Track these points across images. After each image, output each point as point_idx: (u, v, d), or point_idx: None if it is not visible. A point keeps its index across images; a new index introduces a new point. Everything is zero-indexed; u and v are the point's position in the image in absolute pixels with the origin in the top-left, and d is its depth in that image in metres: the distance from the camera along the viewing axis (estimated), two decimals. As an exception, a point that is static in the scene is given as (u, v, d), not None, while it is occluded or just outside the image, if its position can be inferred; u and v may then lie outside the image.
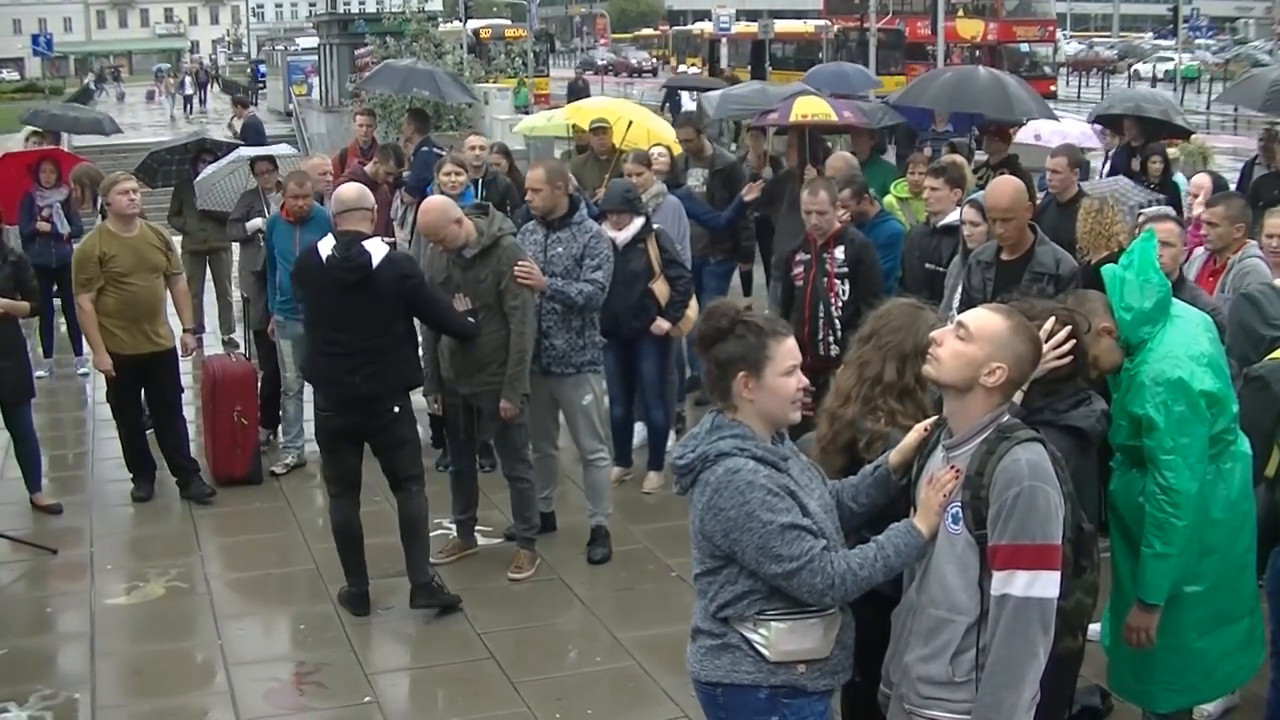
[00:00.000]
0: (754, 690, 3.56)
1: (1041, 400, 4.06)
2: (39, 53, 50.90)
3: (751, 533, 3.43)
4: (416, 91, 15.37)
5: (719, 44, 49.35)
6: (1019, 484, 3.28)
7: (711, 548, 3.54)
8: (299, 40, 57.07)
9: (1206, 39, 56.94)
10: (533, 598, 6.98)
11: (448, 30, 33.94)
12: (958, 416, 3.47)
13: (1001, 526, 3.29)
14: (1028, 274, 6.31)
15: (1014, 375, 3.42)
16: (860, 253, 7.41)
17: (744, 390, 3.55)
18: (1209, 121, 32.88)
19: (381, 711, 5.80)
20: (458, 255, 6.83)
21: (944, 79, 14.30)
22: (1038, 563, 3.27)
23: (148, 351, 8.23)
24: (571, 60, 69.99)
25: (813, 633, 3.54)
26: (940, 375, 3.46)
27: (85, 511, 8.38)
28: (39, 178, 11.33)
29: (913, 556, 3.49)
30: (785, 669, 3.54)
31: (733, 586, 3.54)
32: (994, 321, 3.42)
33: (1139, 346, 4.49)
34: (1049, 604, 3.30)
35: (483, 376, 6.93)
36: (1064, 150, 8.65)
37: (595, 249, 7.26)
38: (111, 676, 6.21)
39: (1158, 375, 4.39)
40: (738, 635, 3.56)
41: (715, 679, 3.61)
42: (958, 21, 39.95)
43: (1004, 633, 3.29)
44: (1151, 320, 4.46)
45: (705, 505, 3.51)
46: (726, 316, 3.59)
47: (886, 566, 3.47)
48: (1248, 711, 5.47)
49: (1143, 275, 4.47)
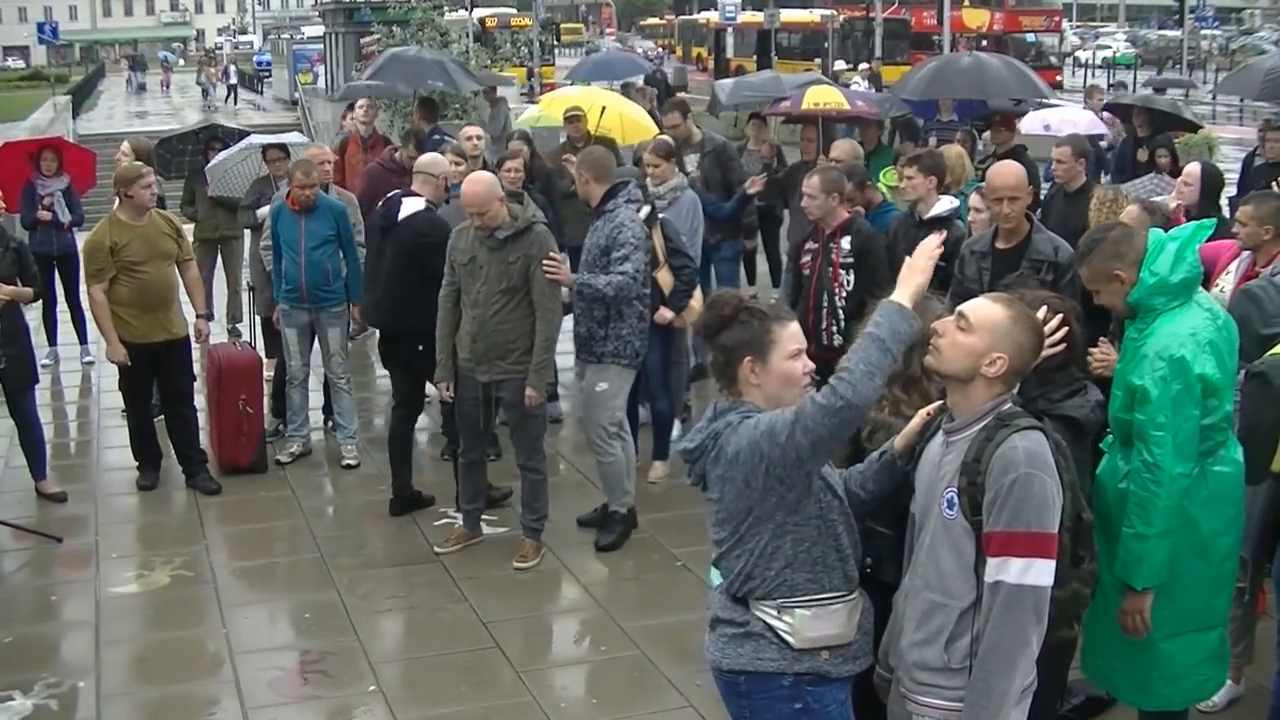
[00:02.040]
0: (778, 678, 3.56)
1: (1036, 390, 4.07)
2: (44, 41, 50.89)
3: (758, 441, 3.43)
4: (430, 83, 15.25)
5: (724, 33, 49.25)
6: (1015, 471, 3.28)
7: (735, 505, 3.52)
8: (304, 29, 56.97)
9: (1212, 29, 56.68)
10: (538, 587, 6.99)
11: (453, 19, 33.83)
12: (960, 405, 3.49)
13: (997, 513, 3.29)
14: (1026, 261, 6.30)
15: (1015, 365, 3.43)
16: (866, 243, 7.34)
17: (750, 375, 3.57)
18: (1215, 113, 32.78)
19: (386, 700, 5.80)
20: (489, 235, 6.81)
21: (926, 67, 14.34)
22: (1032, 550, 3.27)
23: (161, 340, 8.23)
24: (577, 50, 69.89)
25: (836, 618, 3.56)
26: (941, 365, 3.46)
27: (90, 500, 8.38)
28: (40, 166, 11.33)
29: (899, 325, 3.37)
30: (809, 656, 3.55)
31: (754, 551, 3.52)
32: (995, 312, 3.42)
33: (1149, 316, 4.48)
34: (1043, 592, 3.30)
35: (504, 364, 6.93)
36: (1069, 140, 8.65)
37: (620, 239, 7.21)
38: (116, 665, 6.22)
39: (1161, 350, 4.39)
40: (761, 623, 3.56)
41: (738, 667, 3.60)
42: (964, 11, 39.80)
43: (997, 620, 3.29)
44: (1169, 294, 4.45)
45: (726, 462, 3.51)
46: (730, 304, 3.61)
47: (878, 343, 3.35)
48: (1252, 701, 5.47)
49: (1181, 249, 4.48)
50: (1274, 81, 13.20)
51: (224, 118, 25.61)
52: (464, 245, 6.98)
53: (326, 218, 8.61)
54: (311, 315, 8.76)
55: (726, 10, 45.00)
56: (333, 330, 8.80)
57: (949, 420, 3.53)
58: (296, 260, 8.57)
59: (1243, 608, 5.56)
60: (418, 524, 7.78)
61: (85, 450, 9.67)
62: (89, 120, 44.74)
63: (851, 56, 39.25)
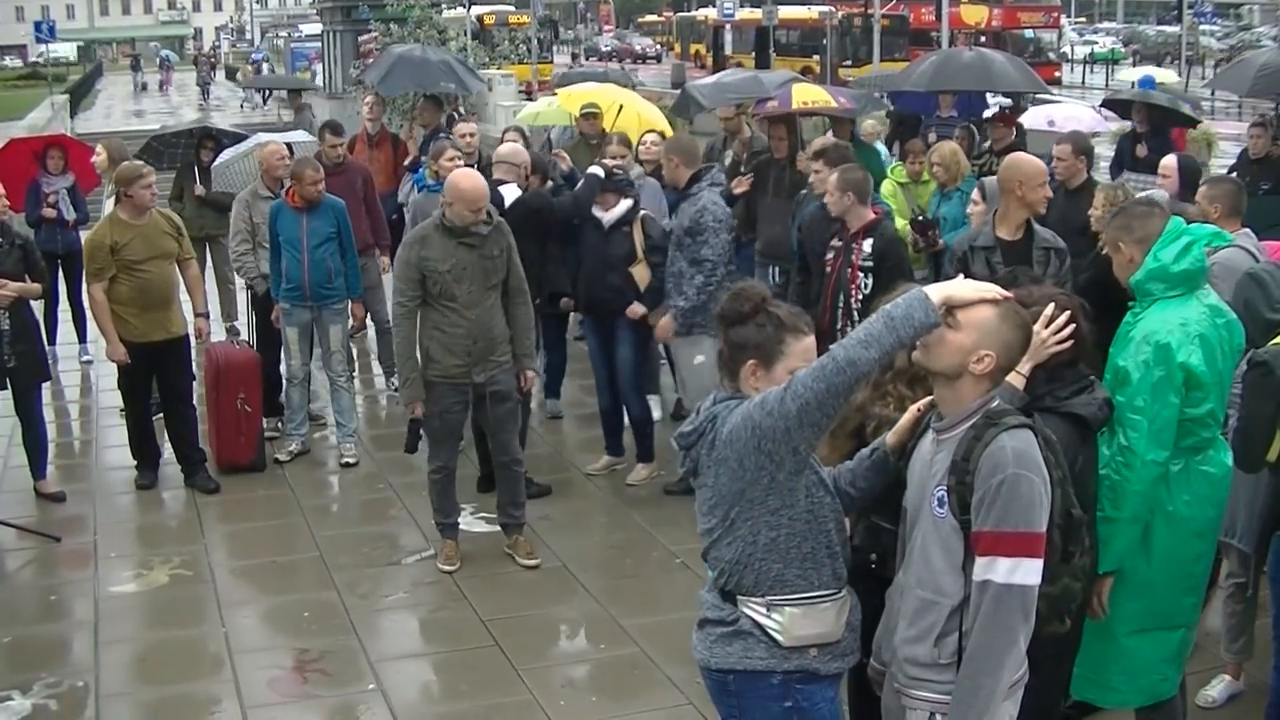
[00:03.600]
0: (767, 676, 3.55)
1: (1044, 387, 4.07)
2: (42, 40, 50.84)
3: (750, 412, 3.41)
4: (443, 86, 15.17)
5: (723, 30, 49.26)
6: (1003, 471, 3.28)
7: (728, 488, 3.49)
8: (302, 26, 56.96)
9: (1210, 24, 56.70)
10: (537, 585, 6.98)
11: (451, 16, 33.84)
12: (948, 402, 3.48)
13: (985, 513, 3.29)
14: (1038, 250, 6.45)
15: (1003, 362, 3.42)
16: (887, 248, 7.16)
17: (750, 378, 3.57)
18: (1214, 108, 32.78)
19: (385, 699, 5.79)
20: (466, 233, 6.73)
21: (928, 61, 14.31)
22: (1020, 550, 3.28)
23: (160, 338, 8.22)
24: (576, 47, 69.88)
25: (825, 616, 3.55)
26: (929, 362, 3.45)
27: (89, 499, 8.38)
28: (46, 164, 11.34)
29: (916, 312, 3.22)
30: (798, 654, 3.54)
31: (745, 539, 3.50)
32: (982, 309, 3.40)
33: (1146, 301, 4.51)
34: (1030, 591, 3.31)
35: (495, 358, 6.94)
36: (1069, 138, 8.63)
37: (703, 222, 7.75)
38: (116, 664, 6.21)
39: (1148, 334, 4.41)
40: (749, 620, 3.55)
41: (727, 666, 3.59)
42: (962, 7, 39.81)
43: (984, 619, 3.30)
44: (1168, 282, 4.47)
45: (722, 443, 3.49)
46: (751, 301, 3.58)
47: (887, 319, 3.24)
48: (1251, 696, 5.47)
49: (1190, 244, 4.50)
50: (1266, 77, 13.20)
51: (222, 119, 25.61)
52: (439, 253, 6.76)
53: (328, 215, 8.61)
54: (314, 313, 8.75)
55: (725, 7, 45.04)
56: (334, 328, 8.80)
57: (938, 418, 3.52)
58: (299, 258, 8.55)
59: (1243, 603, 5.57)
60: (416, 522, 7.77)
61: (85, 450, 9.66)
62: (87, 119, 44.76)
63: (850, 53, 39.26)
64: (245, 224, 9.08)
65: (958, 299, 3.34)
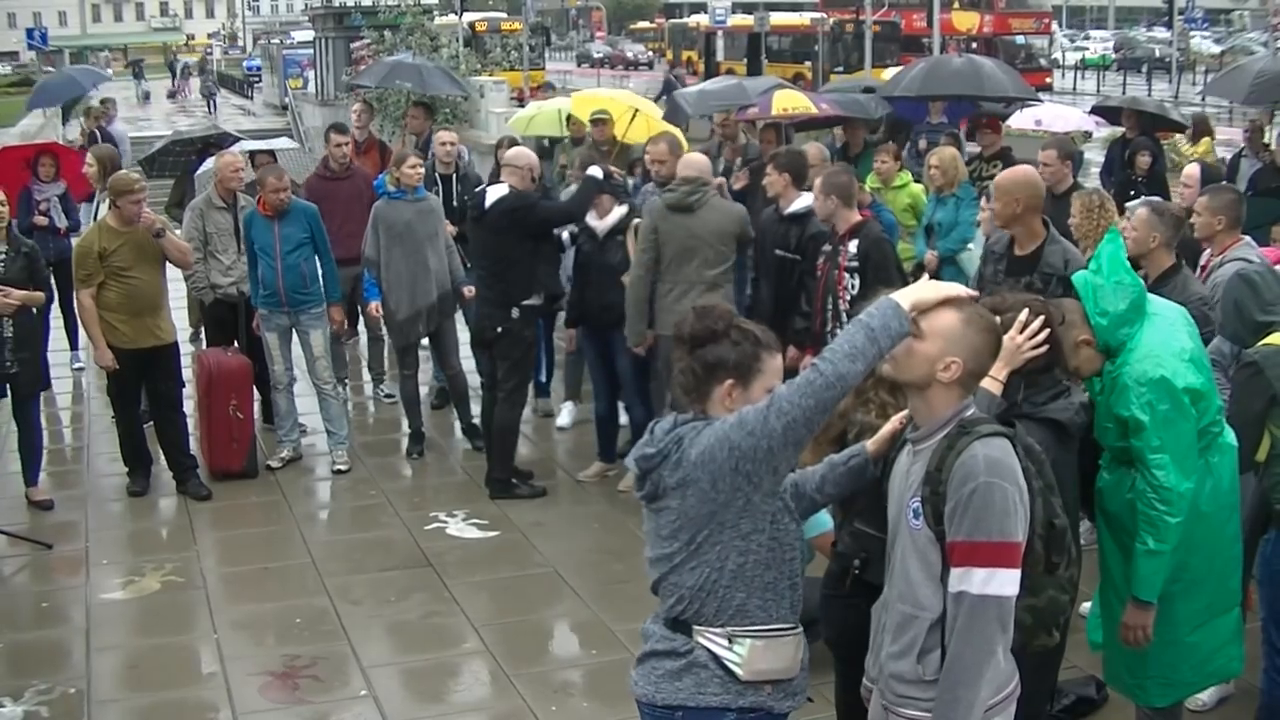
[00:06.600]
0: (721, 713, 3.38)
1: (1020, 393, 4.07)
2: (34, 46, 50.92)
3: (726, 433, 3.27)
4: (399, 83, 15.37)
5: (715, 37, 49.29)
6: (974, 480, 3.22)
7: (697, 510, 3.32)
8: (294, 34, 56.90)
9: (1202, 30, 56.79)
10: (529, 590, 7.00)
11: (443, 23, 33.79)
12: (921, 413, 3.43)
13: (958, 523, 3.23)
14: (1037, 275, 6.24)
15: (971, 368, 3.35)
16: (870, 248, 7.19)
17: (726, 399, 3.39)
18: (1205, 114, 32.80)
19: (377, 705, 5.80)
20: None
21: (917, 67, 14.36)
22: (994, 560, 3.21)
23: (149, 345, 8.23)
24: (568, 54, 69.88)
25: (785, 651, 3.42)
26: (898, 374, 3.39)
27: (81, 506, 8.38)
28: (37, 172, 11.34)
29: (891, 321, 3.19)
30: (753, 690, 3.39)
31: (712, 564, 3.34)
32: (945, 316, 3.33)
33: (1119, 348, 4.47)
34: (1006, 602, 3.25)
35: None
36: (1054, 143, 8.68)
37: None
38: (108, 671, 6.22)
39: (1140, 375, 4.37)
40: (706, 653, 3.38)
41: (675, 702, 3.40)
42: (953, 14, 39.92)
43: (961, 630, 3.23)
44: (1129, 321, 4.44)
45: (690, 464, 3.32)
46: (723, 320, 3.44)
47: (867, 331, 3.18)
48: (1241, 700, 5.49)
49: (1114, 277, 4.45)
50: (1262, 85, 13.21)
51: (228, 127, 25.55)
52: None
53: (299, 221, 8.66)
54: (291, 319, 8.77)
55: (717, 14, 45.07)
56: (314, 333, 8.82)
57: (913, 429, 3.47)
58: (273, 265, 8.59)
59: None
60: (408, 528, 7.78)
61: (77, 457, 9.67)
62: (79, 127, 44.58)
63: (842, 59, 39.30)
64: (198, 233, 9.04)
65: (923, 302, 3.29)
